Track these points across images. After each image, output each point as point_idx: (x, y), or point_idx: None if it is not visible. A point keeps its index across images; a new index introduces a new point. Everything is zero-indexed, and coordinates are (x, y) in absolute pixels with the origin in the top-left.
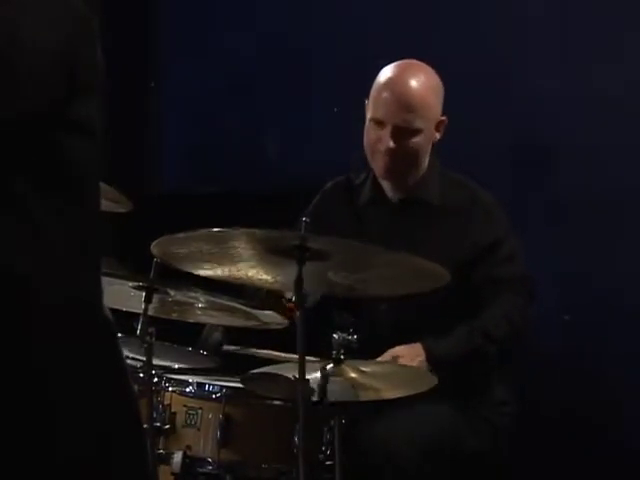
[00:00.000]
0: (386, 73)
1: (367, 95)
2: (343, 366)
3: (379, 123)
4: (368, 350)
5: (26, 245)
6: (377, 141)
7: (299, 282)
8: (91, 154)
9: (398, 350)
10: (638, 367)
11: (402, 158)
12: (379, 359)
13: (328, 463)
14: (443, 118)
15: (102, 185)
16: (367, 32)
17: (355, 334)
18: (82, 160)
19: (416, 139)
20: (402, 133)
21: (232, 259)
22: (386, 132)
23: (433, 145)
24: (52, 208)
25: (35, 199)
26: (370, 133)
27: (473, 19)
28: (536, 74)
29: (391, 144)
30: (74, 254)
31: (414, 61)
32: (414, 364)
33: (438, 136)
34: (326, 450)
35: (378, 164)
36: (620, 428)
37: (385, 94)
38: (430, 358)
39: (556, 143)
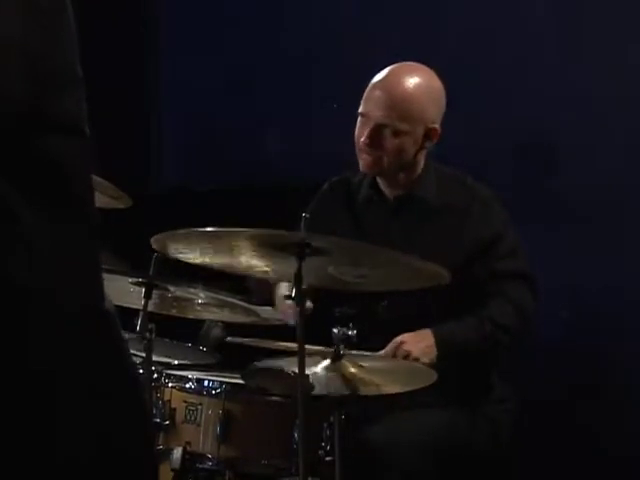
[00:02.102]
0: (384, 71)
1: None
2: (343, 361)
3: (365, 118)
4: (368, 345)
5: (15, 249)
6: (360, 136)
7: (299, 278)
8: (76, 151)
9: (404, 337)
10: (638, 363)
11: (381, 157)
12: (384, 351)
13: (328, 459)
14: (435, 126)
15: (102, 182)
16: (367, 32)
17: (355, 328)
18: (67, 158)
19: (398, 140)
20: (383, 132)
21: (232, 255)
22: (368, 128)
23: (420, 151)
24: (39, 210)
25: (20, 202)
26: (358, 127)
27: (474, 18)
28: (537, 72)
29: (367, 140)
30: (67, 254)
31: (417, 64)
32: (418, 351)
33: (429, 144)
34: (326, 446)
35: (361, 159)
36: (620, 425)
37: (375, 91)
38: (439, 343)
39: (557, 142)
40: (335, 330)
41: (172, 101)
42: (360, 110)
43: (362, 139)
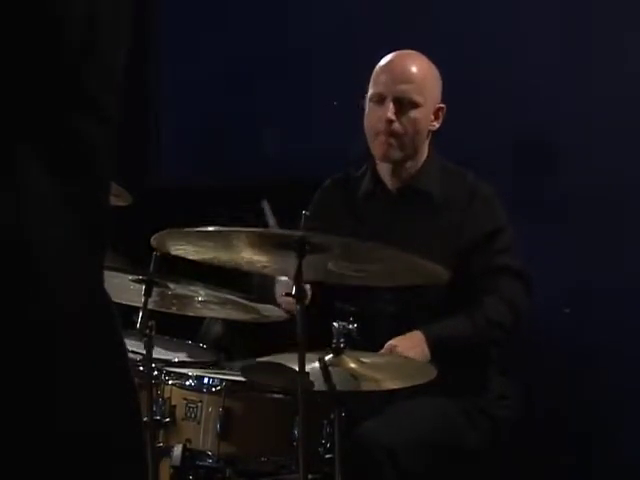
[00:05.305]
0: (386, 57)
1: (366, 88)
2: (343, 356)
3: (379, 99)
4: (368, 340)
5: (27, 215)
6: (377, 120)
7: (299, 276)
8: (105, 140)
9: (396, 341)
10: (638, 360)
11: (401, 134)
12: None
13: (328, 456)
14: (442, 105)
15: None
16: (367, 31)
17: (355, 323)
18: (96, 144)
19: (415, 113)
20: (402, 105)
21: (232, 252)
22: (386, 106)
23: (429, 133)
24: (61, 186)
25: (44, 175)
26: (370, 114)
27: (474, 17)
28: (537, 70)
29: (392, 115)
30: (78, 235)
31: (414, 51)
32: (411, 354)
33: (436, 125)
34: (326, 443)
35: (378, 145)
36: (620, 421)
37: (384, 73)
38: (431, 343)
39: (557, 141)
40: (335, 325)
41: (172, 99)
42: (371, 92)
43: (389, 116)
